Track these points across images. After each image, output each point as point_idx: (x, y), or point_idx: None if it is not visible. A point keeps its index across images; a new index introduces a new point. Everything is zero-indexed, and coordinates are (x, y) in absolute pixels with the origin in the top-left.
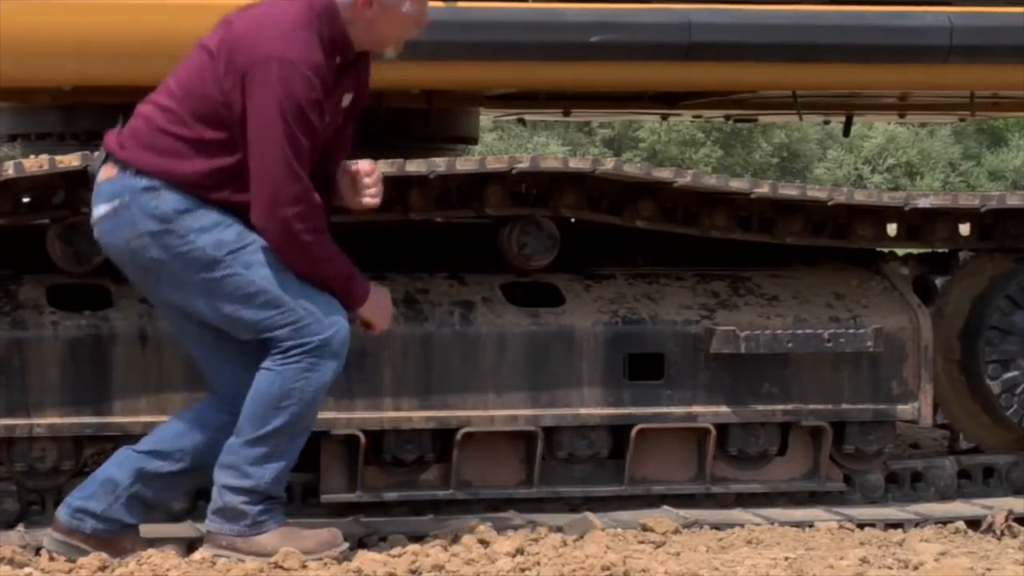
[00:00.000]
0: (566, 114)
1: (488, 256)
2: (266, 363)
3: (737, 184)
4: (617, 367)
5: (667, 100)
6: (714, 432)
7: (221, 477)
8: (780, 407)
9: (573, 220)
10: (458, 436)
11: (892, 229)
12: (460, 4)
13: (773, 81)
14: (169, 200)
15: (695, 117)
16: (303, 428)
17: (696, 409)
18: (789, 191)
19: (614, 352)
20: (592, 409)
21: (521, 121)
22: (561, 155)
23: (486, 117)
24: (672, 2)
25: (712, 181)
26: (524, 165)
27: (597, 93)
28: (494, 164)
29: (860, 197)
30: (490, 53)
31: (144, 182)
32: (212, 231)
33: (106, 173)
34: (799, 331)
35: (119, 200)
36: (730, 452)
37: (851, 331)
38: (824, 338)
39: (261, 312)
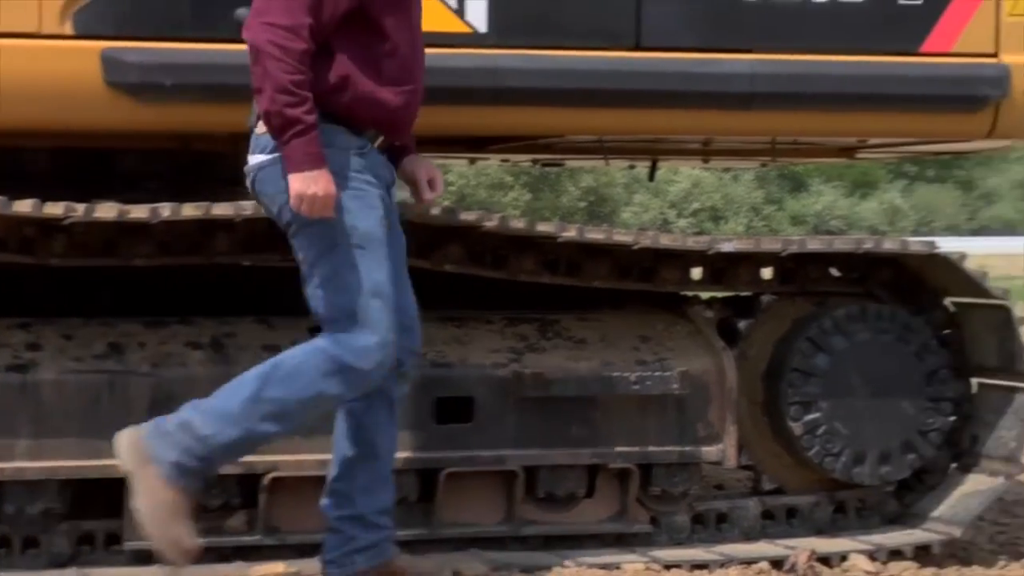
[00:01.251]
0: None
1: (297, 300)
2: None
3: (545, 228)
4: (426, 411)
5: (475, 144)
6: (523, 475)
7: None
8: (588, 450)
9: None
10: (265, 481)
11: (697, 273)
12: None
13: (579, 126)
14: None
15: (503, 161)
16: (281, 419)
17: (505, 452)
18: (596, 235)
19: (423, 396)
20: (401, 453)
21: None
22: None
23: None
24: (481, 47)
25: (520, 225)
26: None
27: None
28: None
29: (665, 241)
30: None
31: None
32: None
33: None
34: (606, 374)
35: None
36: (539, 495)
37: (657, 374)
38: (631, 381)
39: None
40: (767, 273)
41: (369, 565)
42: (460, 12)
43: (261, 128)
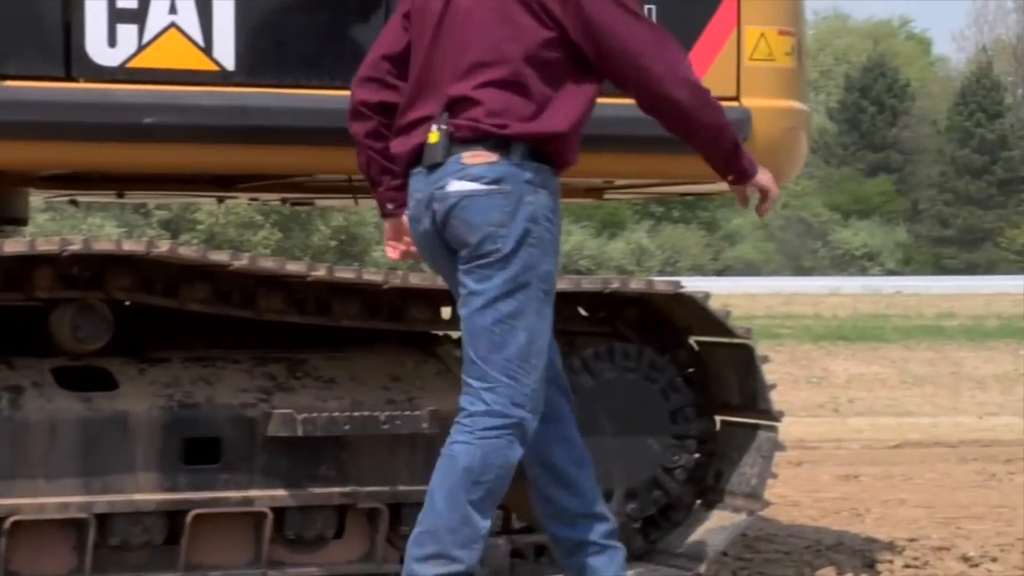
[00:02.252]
0: (120, 196)
1: (39, 340)
2: (460, 435)
3: (294, 267)
4: (173, 451)
5: (223, 183)
6: (271, 516)
7: (423, 570)
8: (337, 489)
9: (127, 303)
10: (5, 525)
11: (447, 312)
12: (5, 83)
13: (328, 165)
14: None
15: (252, 200)
16: (494, 501)
17: (253, 493)
18: (345, 274)
19: (170, 436)
20: (147, 495)
21: (73, 202)
22: (115, 237)
23: (38, 198)
24: (228, 85)
25: (269, 264)
26: (76, 247)
27: (152, 175)
28: (44, 246)
29: (415, 281)
30: (38, 133)
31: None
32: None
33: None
34: (356, 413)
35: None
36: (287, 536)
37: (407, 413)
38: (381, 420)
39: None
40: None
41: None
42: (207, 50)
43: (472, 159)
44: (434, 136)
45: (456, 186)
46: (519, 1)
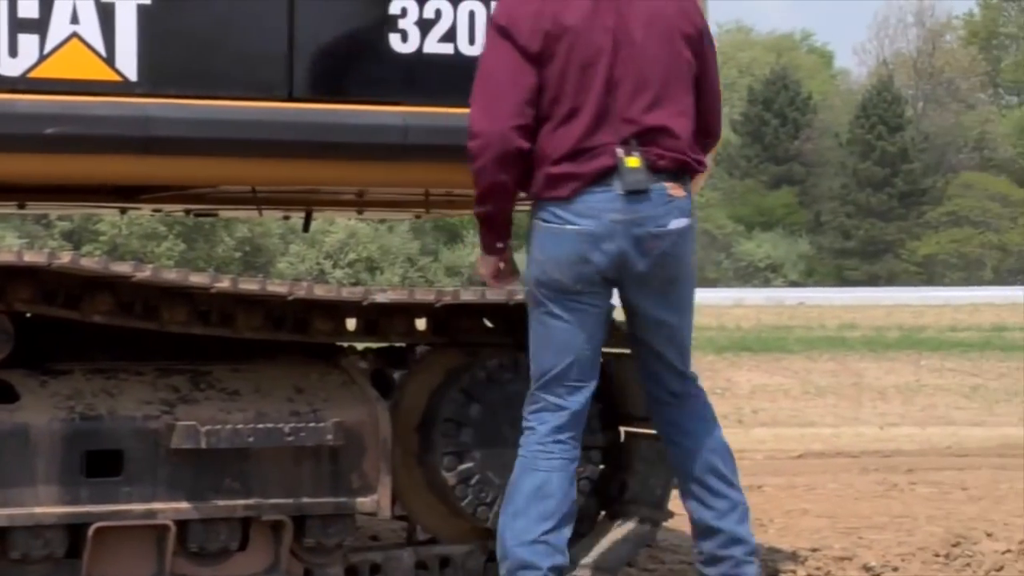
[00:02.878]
0: (21, 206)
1: None
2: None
3: (197, 279)
4: (74, 464)
5: (126, 193)
6: (174, 529)
7: (738, 551)
8: (241, 502)
9: (28, 315)
10: None
11: (352, 323)
12: None
13: (231, 177)
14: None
15: (155, 211)
16: None
17: (156, 506)
18: (249, 285)
19: (71, 449)
20: (47, 508)
21: None
22: (16, 248)
23: None
24: (130, 96)
25: (172, 275)
26: None
27: (54, 185)
28: None
29: (319, 292)
30: None
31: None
32: None
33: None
34: (260, 425)
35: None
36: (191, 549)
37: (311, 425)
38: (285, 432)
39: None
40: (421, 324)
41: None
42: (109, 60)
43: (674, 191)
44: (634, 161)
45: (676, 223)
46: (682, 37)
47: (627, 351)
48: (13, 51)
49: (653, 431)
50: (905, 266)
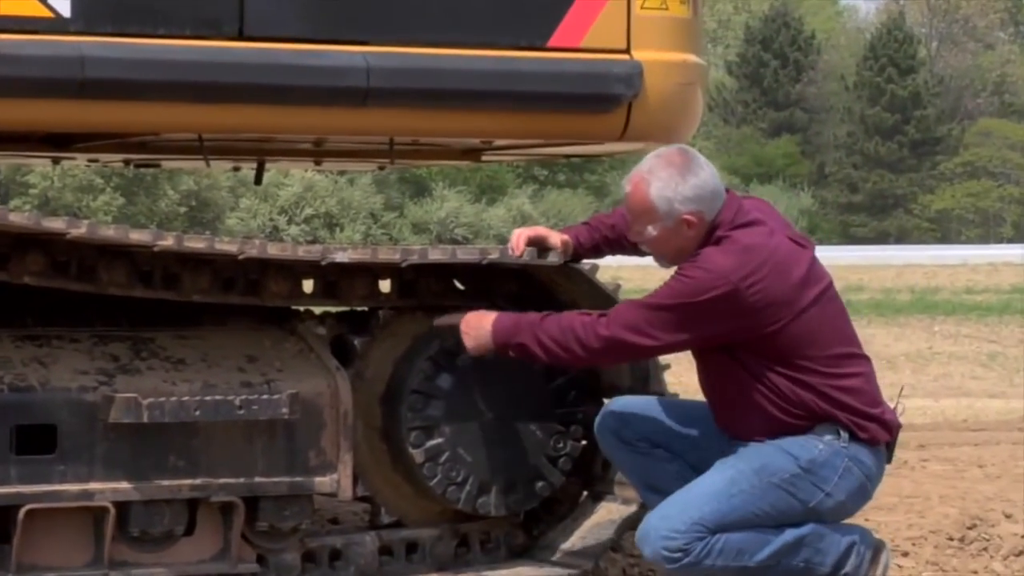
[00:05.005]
0: None
1: None
2: None
3: (139, 236)
4: (3, 441)
5: (59, 142)
6: (113, 511)
7: None
8: (187, 482)
9: None
10: None
11: (309, 285)
12: None
13: (175, 123)
14: None
15: (91, 161)
16: None
17: (93, 486)
18: (196, 244)
19: None
20: None
21: None
22: None
23: None
24: (64, 34)
25: (110, 232)
26: None
27: None
28: None
29: (273, 251)
30: None
31: None
32: None
33: None
34: (208, 398)
35: None
36: (132, 533)
37: (264, 397)
38: (235, 405)
39: None
40: (385, 286)
41: None
42: None
43: None
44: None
45: None
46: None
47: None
48: None
49: None
50: (917, 222)
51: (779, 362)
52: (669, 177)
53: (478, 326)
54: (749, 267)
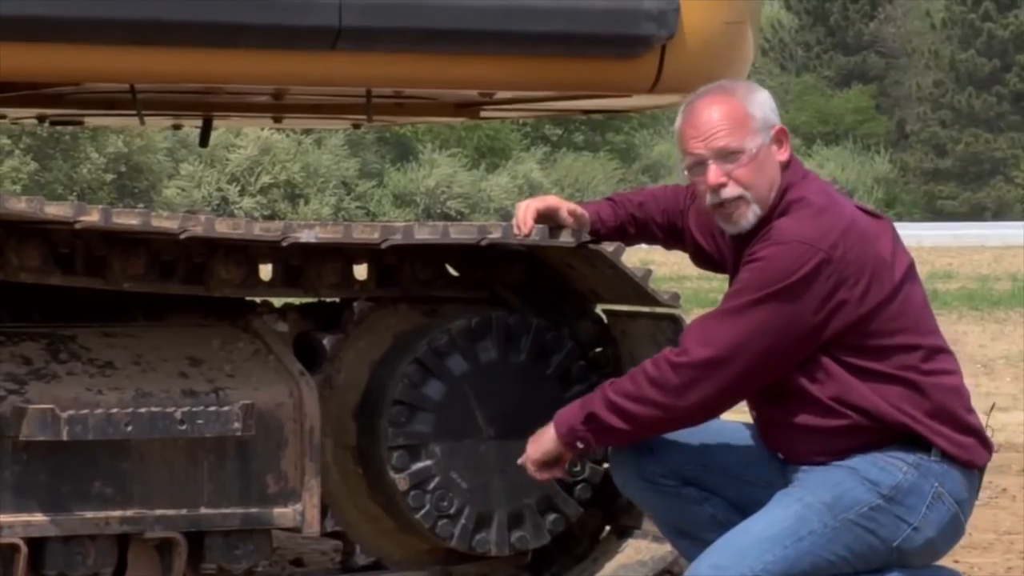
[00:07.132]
0: None
1: None
2: None
3: (56, 210)
4: None
5: None
6: (25, 549)
7: None
8: (117, 513)
9: None
10: None
11: (266, 272)
12: None
13: (101, 70)
14: None
15: None
16: None
17: (1, 518)
18: (128, 219)
19: None
20: None
21: None
22: None
23: None
24: None
25: (21, 206)
26: None
27: None
28: None
29: (223, 228)
30: None
31: None
32: None
33: None
34: (142, 410)
35: None
36: (47, 575)
37: (212, 409)
38: (176, 419)
39: None
40: (361, 272)
41: None
42: None
43: None
44: None
45: None
46: None
47: (641, 308)
48: None
49: None
50: (1020, 193)
51: (864, 354)
52: (747, 87)
53: (539, 432)
54: (835, 232)
